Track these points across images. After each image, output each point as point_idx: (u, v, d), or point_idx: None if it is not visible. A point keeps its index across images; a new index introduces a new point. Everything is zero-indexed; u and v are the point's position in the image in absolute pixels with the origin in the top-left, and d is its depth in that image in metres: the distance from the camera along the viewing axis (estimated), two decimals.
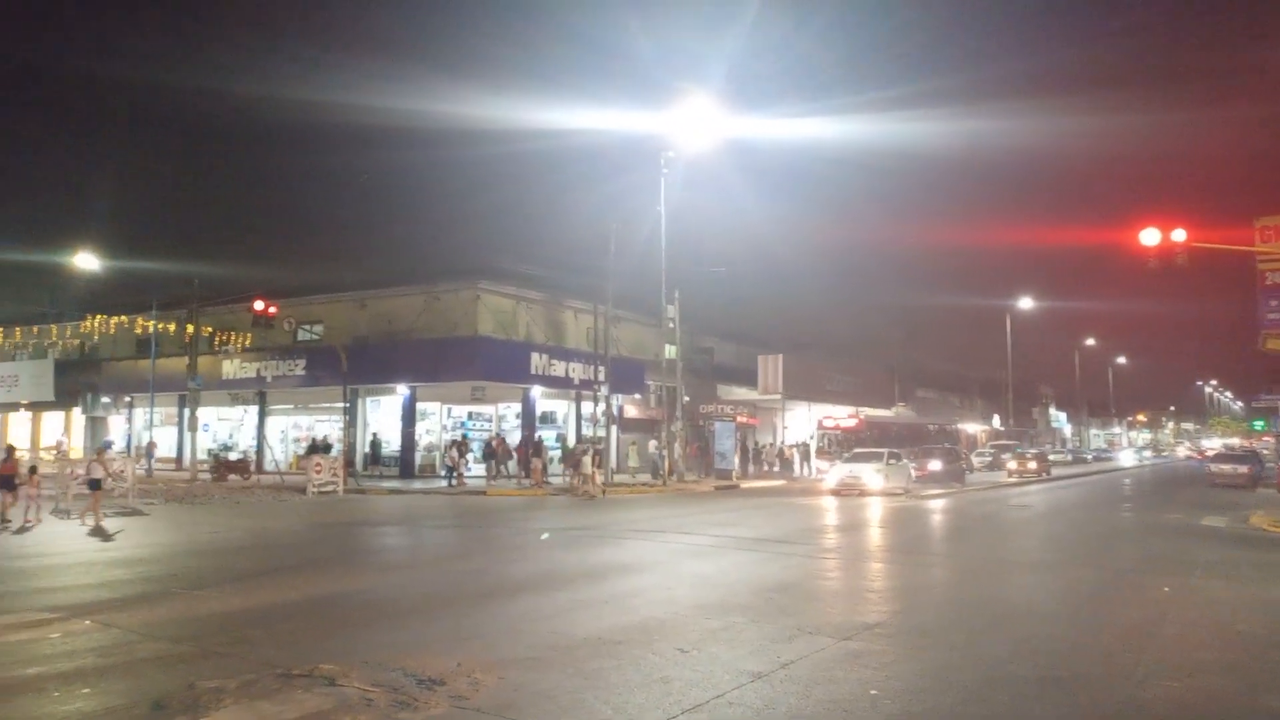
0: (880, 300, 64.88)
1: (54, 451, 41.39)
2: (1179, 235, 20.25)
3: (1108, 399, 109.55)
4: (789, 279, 68.20)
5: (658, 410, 37.40)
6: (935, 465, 34.98)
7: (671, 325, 34.44)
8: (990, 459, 51.31)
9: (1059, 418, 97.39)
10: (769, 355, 45.54)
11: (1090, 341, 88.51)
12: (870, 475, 28.46)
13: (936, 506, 25.28)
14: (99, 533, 17.10)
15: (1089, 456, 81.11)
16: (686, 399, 36.39)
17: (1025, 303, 63.58)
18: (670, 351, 35.04)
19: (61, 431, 46.22)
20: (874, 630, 8.58)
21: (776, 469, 42.70)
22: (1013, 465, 43.17)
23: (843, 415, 45.73)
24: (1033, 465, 43.12)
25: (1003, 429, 69.81)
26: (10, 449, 20.06)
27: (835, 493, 28.29)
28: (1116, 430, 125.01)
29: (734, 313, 52.35)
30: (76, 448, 42.40)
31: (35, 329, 46.42)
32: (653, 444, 33.90)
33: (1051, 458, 55.42)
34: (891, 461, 29.86)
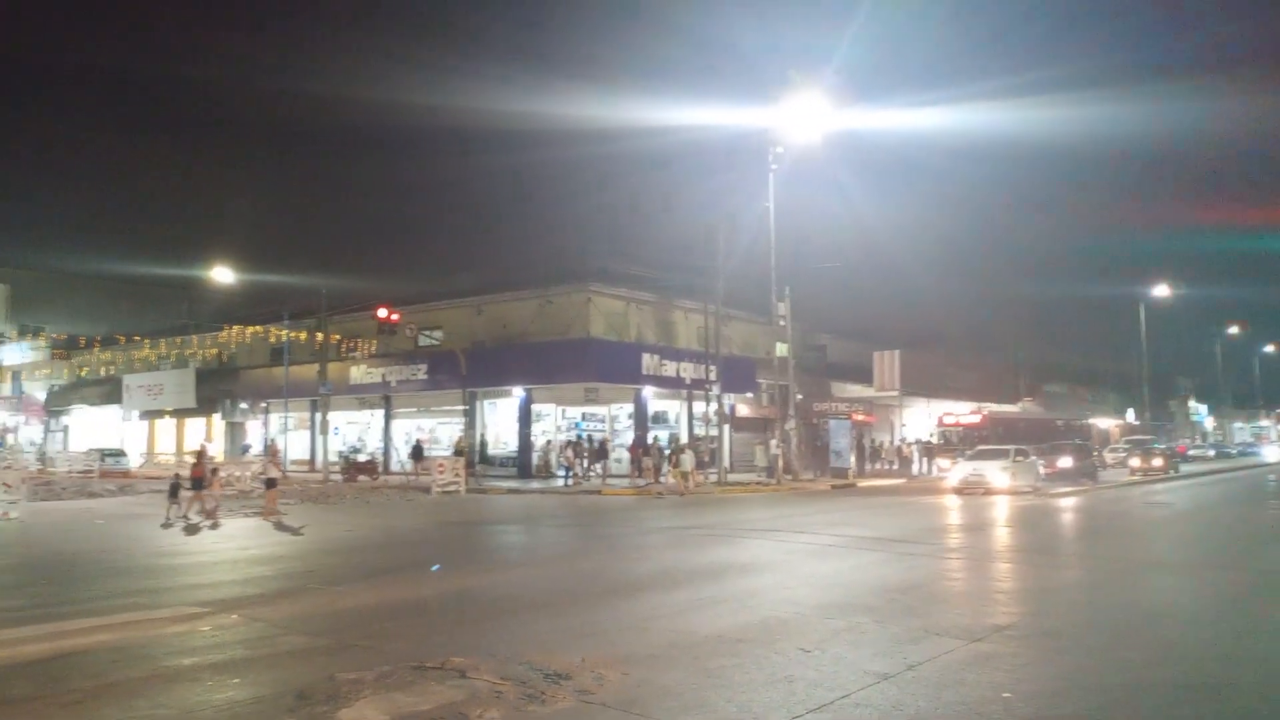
0: (1004, 293, 62.45)
1: (196, 455, 43.92)
2: None
3: (1254, 390, 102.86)
4: (905, 273, 66.59)
5: (770, 409, 37.09)
6: (1065, 462, 33.59)
7: (783, 323, 34.10)
8: (1124, 455, 48.90)
9: (1199, 410, 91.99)
10: (885, 351, 44.59)
11: (1233, 330, 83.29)
12: (995, 473, 27.56)
13: (1067, 505, 24.29)
14: (283, 527, 18.50)
15: (1233, 451, 76.42)
16: (799, 397, 35.99)
17: (1161, 291, 60.30)
18: (782, 349, 34.69)
19: (203, 436, 49.03)
20: (1004, 632, 8.31)
21: (895, 467, 41.78)
22: (1135, 462, 40.82)
23: (964, 411, 44.36)
24: (1157, 462, 40.57)
25: (1137, 423, 66.44)
26: (200, 452, 21.84)
27: (958, 491, 27.51)
28: (1264, 423, 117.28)
29: (848, 309, 51.43)
30: (218, 452, 44.86)
31: (178, 340, 49.48)
32: (774, 443, 33.60)
33: (1191, 452, 52.36)
34: (1018, 459, 28.82)
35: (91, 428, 55.57)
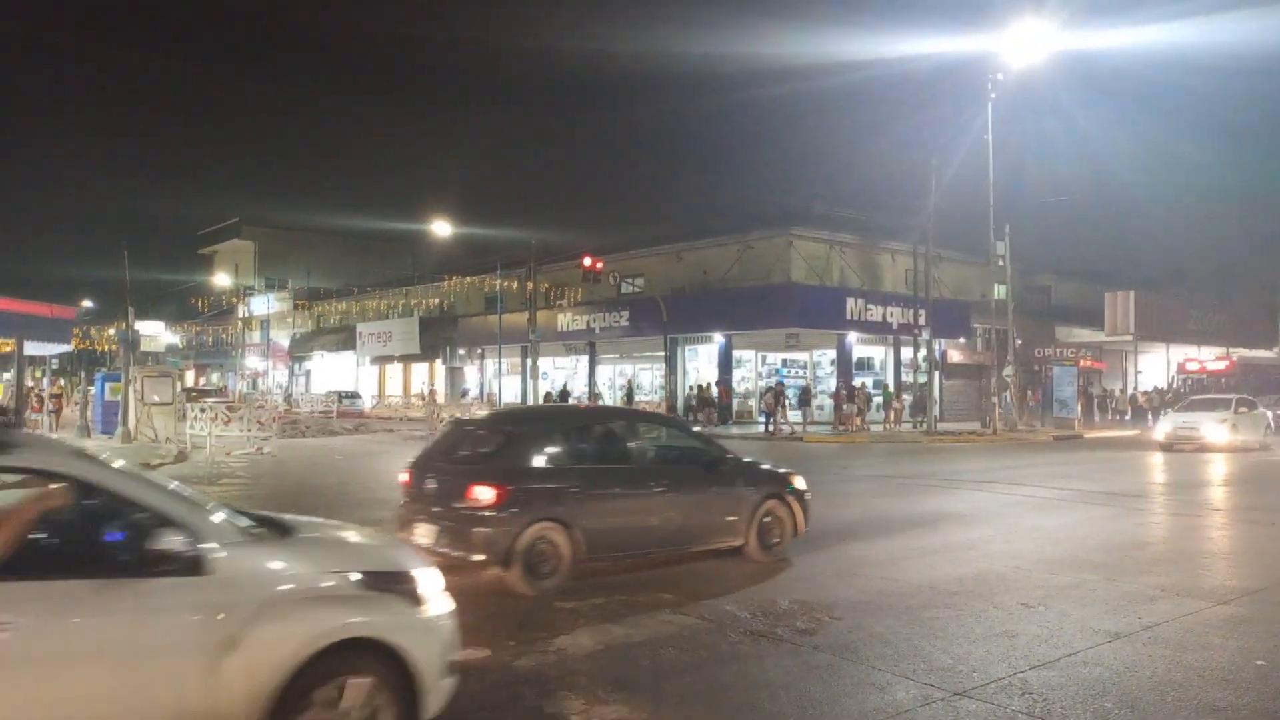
0: (1259, 225, 55.78)
1: (422, 398, 47.18)
2: None
3: None
4: (1141, 207, 60.97)
5: (986, 354, 35.28)
6: None
7: (1000, 263, 32.16)
8: None
9: None
10: (1117, 292, 41.27)
11: None
12: (1211, 426, 24.58)
13: None
14: None
15: None
16: (1019, 342, 33.97)
17: None
18: (999, 291, 32.79)
19: (426, 380, 52.51)
20: (1256, 595, 7.58)
21: (1128, 418, 38.86)
22: None
23: (1209, 357, 40.50)
24: None
25: None
26: (548, 395, 24.03)
27: (1164, 447, 24.82)
28: None
29: (1074, 247, 48.04)
30: (441, 395, 47.89)
31: (404, 290, 53.01)
32: (1006, 393, 31.82)
33: None
34: (1241, 410, 25.63)
35: (329, 372, 60.80)
